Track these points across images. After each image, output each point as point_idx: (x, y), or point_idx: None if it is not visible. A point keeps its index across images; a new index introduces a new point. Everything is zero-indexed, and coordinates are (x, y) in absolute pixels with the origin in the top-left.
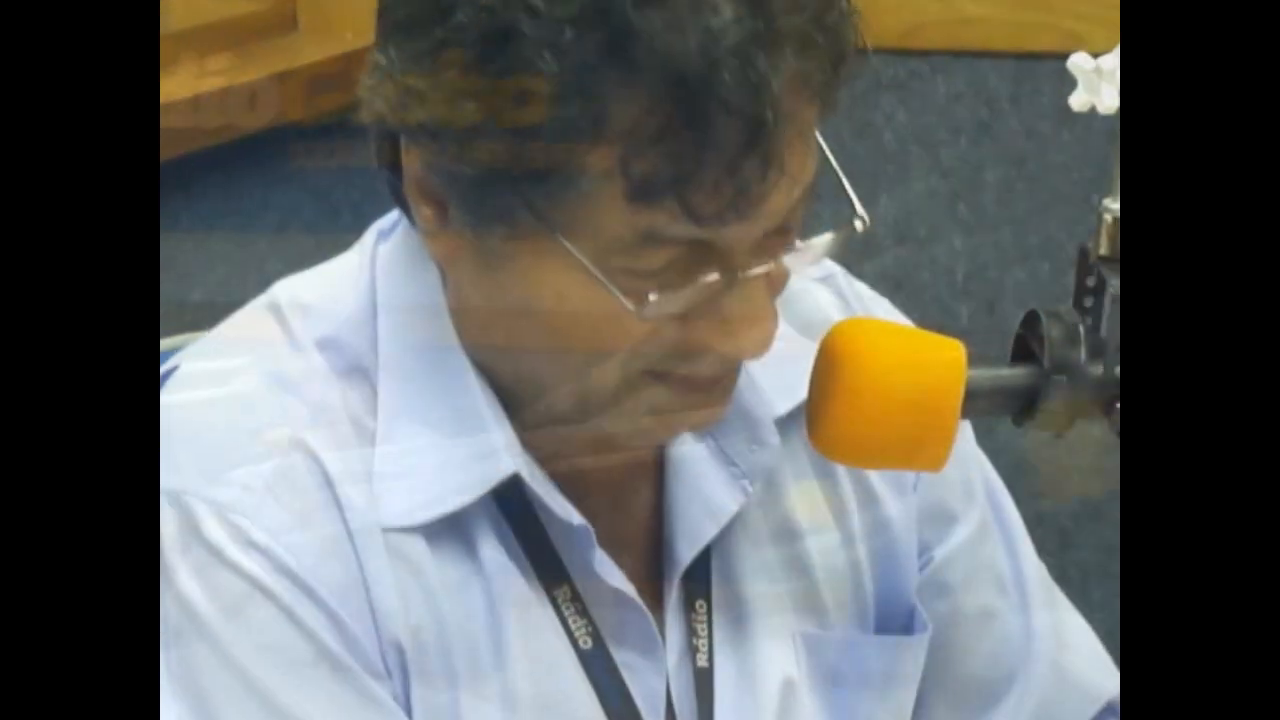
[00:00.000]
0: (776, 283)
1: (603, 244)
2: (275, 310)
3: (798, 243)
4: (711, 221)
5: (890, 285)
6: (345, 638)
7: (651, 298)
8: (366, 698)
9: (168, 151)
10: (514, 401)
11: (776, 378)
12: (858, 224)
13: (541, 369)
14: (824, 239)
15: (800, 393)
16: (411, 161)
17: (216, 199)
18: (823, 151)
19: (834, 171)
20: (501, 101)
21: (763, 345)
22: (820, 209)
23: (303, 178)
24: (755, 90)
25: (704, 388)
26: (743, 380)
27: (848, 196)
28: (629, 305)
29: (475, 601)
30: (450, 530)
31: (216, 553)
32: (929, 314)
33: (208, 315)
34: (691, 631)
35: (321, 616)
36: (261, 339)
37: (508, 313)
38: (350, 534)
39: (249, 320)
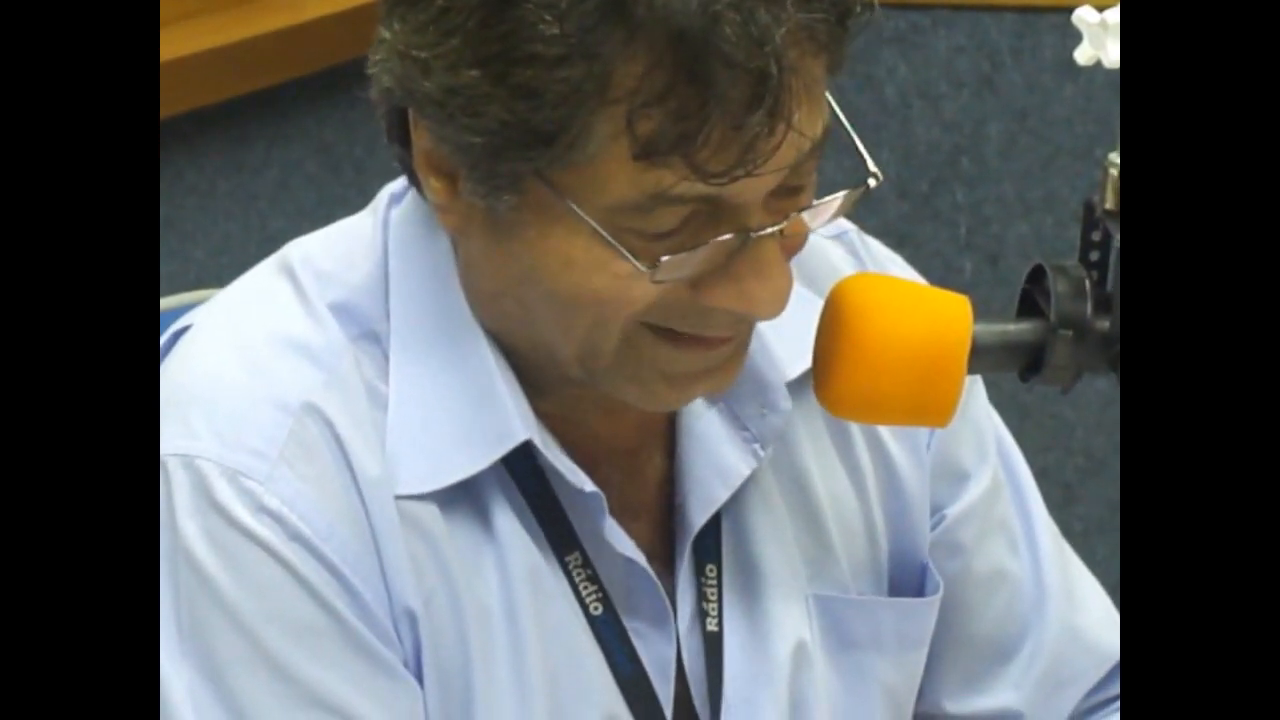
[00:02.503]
0: (791, 243)
1: (612, 206)
2: (288, 272)
3: (811, 201)
4: (719, 178)
5: (894, 239)
6: (357, 604)
7: (664, 259)
8: (377, 664)
9: (169, 108)
10: (526, 368)
11: (789, 340)
12: (870, 182)
13: (554, 336)
14: (837, 198)
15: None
16: (420, 135)
17: (218, 155)
18: (833, 110)
19: (843, 129)
20: (504, 67)
21: (777, 304)
22: (823, 164)
23: (304, 133)
24: (757, 43)
25: (715, 345)
26: (754, 344)
27: (853, 152)
28: (641, 267)
29: (487, 568)
30: (462, 497)
31: (229, 517)
32: (932, 268)
33: (211, 272)
34: (702, 596)
35: (333, 583)
36: (275, 301)
37: (519, 281)
38: (363, 500)
39: (262, 281)
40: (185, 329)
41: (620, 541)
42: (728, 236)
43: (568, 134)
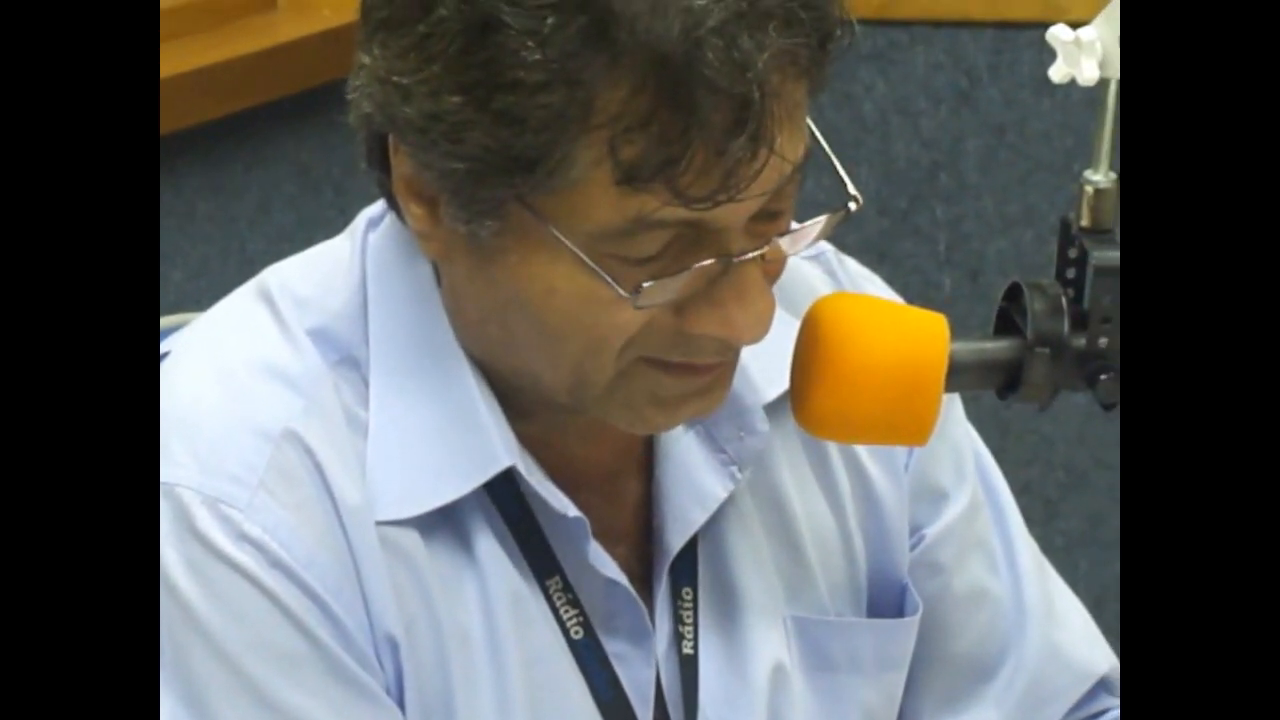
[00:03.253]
0: (772, 268)
1: (594, 232)
2: (266, 298)
3: (791, 225)
4: (702, 203)
5: (873, 256)
6: (338, 631)
7: (645, 285)
8: (359, 691)
9: None
10: (509, 392)
11: (766, 363)
12: (851, 205)
13: (538, 362)
14: (818, 222)
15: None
16: (400, 161)
17: (197, 177)
18: (813, 133)
19: (822, 151)
20: (486, 93)
21: (760, 328)
22: (803, 183)
23: (283, 155)
24: (740, 69)
25: (704, 373)
26: None
27: (831, 173)
28: (623, 293)
29: (469, 594)
30: (443, 523)
31: (209, 545)
32: (911, 284)
33: (190, 295)
34: (678, 619)
35: (314, 610)
36: (253, 327)
37: (502, 307)
38: (343, 526)
39: (240, 308)
40: (164, 355)
41: (604, 564)
42: (709, 262)
43: (550, 160)
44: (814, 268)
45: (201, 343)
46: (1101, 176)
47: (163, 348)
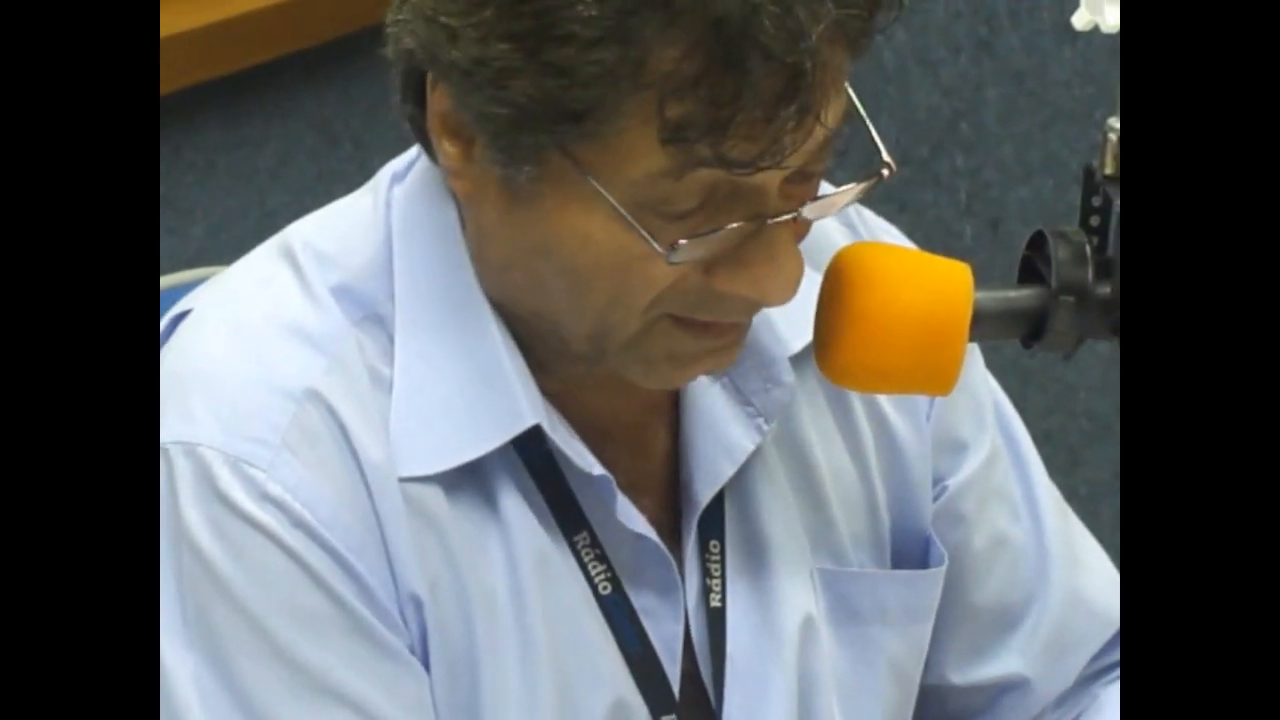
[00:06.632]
0: (801, 229)
1: (633, 187)
2: (289, 256)
3: (824, 187)
4: (744, 168)
5: (894, 206)
6: (360, 590)
7: (680, 242)
8: (382, 650)
9: (166, 85)
10: (532, 343)
11: (790, 315)
12: (884, 171)
13: (561, 308)
14: (850, 189)
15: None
16: (439, 98)
17: (216, 131)
18: (851, 101)
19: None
20: (538, 43)
21: (788, 290)
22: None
23: (303, 108)
24: (794, 38)
25: (724, 332)
26: (756, 319)
27: (872, 147)
28: (658, 249)
29: (493, 551)
30: (468, 479)
31: (231, 505)
32: (933, 233)
33: (210, 249)
34: (706, 572)
35: (337, 569)
36: (275, 286)
37: (530, 252)
38: (367, 485)
39: (262, 266)
40: (184, 314)
41: (632, 519)
42: (744, 223)
43: (597, 114)
44: (833, 220)
45: (224, 301)
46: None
47: (183, 305)
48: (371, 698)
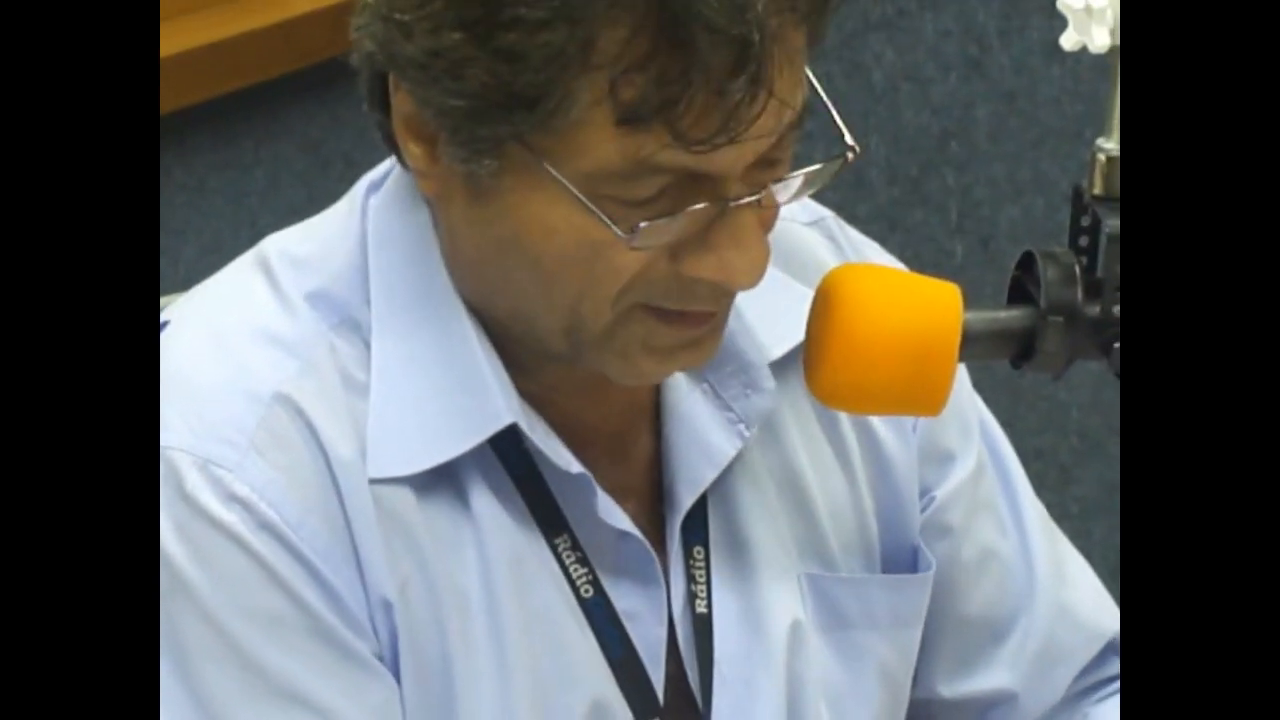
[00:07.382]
0: (767, 216)
1: (592, 172)
2: (264, 265)
3: (787, 174)
4: (701, 145)
5: (884, 225)
6: (326, 594)
7: (642, 225)
8: (345, 654)
9: (160, 106)
10: (508, 343)
11: (770, 322)
12: (849, 155)
13: (534, 304)
14: (813, 169)
15: (794, 336)
16: (401, 100)
17: (207, 153)
18: (812, 86)
19: (824, 108)
20: (488, 30)
21: (754, 274)
22: (811, 149)
23: (293, 130)
24: (738, 9)
25: (697, 322)
26: (736, 325)
27: (836, 133)
28: (619, 233)
29: (467, 552)
30: (440, 481)
31: (196, 507)
32: (924, 252)
33: (201, 271)
34: (691, 578)
35: (302, 572)
36: (249, 294)
37: (500, 247)
38: (337, 488)
39: (237, 275)
40: (164, 325)
41: (614, 517)
42: (705, 205)
43: (550, 99)
44: (814, 233)
45: (198, 311)
46: (1114, 144)
47: (163, 316)
48: (334, 703)
